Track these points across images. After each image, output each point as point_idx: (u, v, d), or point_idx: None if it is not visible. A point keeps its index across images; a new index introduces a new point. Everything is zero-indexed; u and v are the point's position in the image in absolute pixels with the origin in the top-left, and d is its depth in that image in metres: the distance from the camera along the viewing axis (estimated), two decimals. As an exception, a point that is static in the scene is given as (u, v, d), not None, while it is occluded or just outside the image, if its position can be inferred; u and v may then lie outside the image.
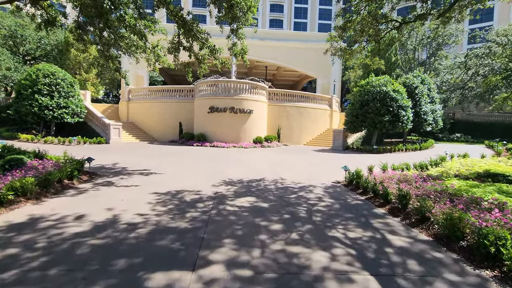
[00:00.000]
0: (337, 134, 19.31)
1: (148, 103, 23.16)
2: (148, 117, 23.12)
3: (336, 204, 5.87)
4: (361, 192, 6.86)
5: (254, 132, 19.90)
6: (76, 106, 18.75)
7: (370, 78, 18.03)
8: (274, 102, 22.49)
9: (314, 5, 79.15)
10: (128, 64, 33.55)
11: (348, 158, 13.93)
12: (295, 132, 23.16)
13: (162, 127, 22.56)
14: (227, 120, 19.10)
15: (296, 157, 14.10)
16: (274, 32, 41.58)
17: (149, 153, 13.59)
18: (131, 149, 15.09)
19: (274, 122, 22.43)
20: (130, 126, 23.02)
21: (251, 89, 19.79)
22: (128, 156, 12.30)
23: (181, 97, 22.36)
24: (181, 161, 11.47)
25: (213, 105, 19.08)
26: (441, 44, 36.04)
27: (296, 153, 15.99)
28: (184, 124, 21.83)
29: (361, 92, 17.75)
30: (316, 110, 24.21)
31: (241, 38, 8.96)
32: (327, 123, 25.42)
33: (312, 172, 9.84)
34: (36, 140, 16.09)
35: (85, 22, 9.81)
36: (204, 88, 19.93)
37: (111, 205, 5.20)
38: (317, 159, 13.54)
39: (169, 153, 13.83)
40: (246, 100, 19.38)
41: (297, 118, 23.16)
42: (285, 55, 34.88)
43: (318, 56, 35.47)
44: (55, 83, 17.90)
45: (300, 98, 23.41)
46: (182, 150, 15.43)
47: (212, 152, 15.19)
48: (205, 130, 19.47)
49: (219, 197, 6.04)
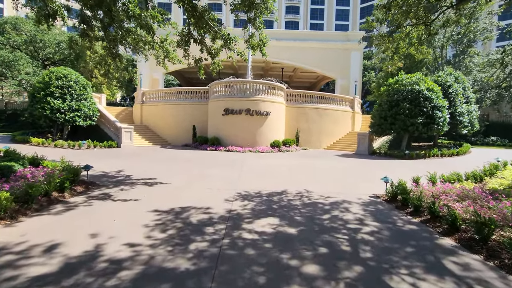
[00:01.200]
0: (362, 137, 17.71)
1: (162, 106, 22.50)
2: (162, 120, 22.44)
3: (385, 229, 4.51)
4: (412, 211, 5.44)
5: (271, 135, 18.66)
6: (88, 109, 18.28)
7: (400, 76, 16.35)
8: (292, 104, 21.18)
9: (331, 5, 77.33)
10: (144, 67, 33.53)
11: (378, 165, 12.38)
12: (315, 136, 21.70)
13: (176, 130, 21.79)
14: (242, 122, 17.98)
15: (318, 163, 12.71)
16: (290, 32, 40.33)
17: (159, 158, 12.66)
18: (141, 154, 14.25)
19: (292, 124, 21.09)
20: (144, 130, 22.42)
21: (268, 90, 18.59)
22: (136, 162, 11.40)
23: (195, 99, 21.52)
24: (191, 167, 10.40)
25: (228, 107, 18.03)
26: (471, 41, 33.41)
27: (318, 158, 14.59)
28: (198, 127, 20.93)
29: (390, 92, 16.11)
30: (337, 112, 22.66)
31: (259, 28, 7.79)
32: (349, 126, 23.77)
33: (341, 182, 8.45)
34: (46, 144, 15.65)
35: (89, 17, 9.01)
36: (218, 89, 18.95)
37: (98, 229, 4.12)
38: (342, 166, 12.09)
39: (180, 159, 12.83)
40: (262, 102, 18.20)
41: (317, 121, 21.71)
42: (302, 55, 33.58)
43: (337, 55, 34.10)
44: (67, 85, 17.50)
45: (320, 99, 21.97)
46: (195, 155, 14.42)
47: (227, 157, 14.08)
48: (220, 133, 18.44)
49: (234, 218, 4.84)
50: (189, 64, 9.13)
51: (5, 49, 28.31)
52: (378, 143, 19.36)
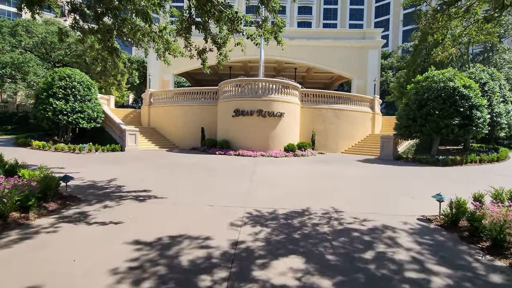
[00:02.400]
0: (386, 141, 15.99)
1: (169, 107, 21.49)
2: (169, 122, 21.42)
3: (465, 281, 3.01)
4: (489, 247, 3.90)
5: (285, 138, 17.21)
6: (92, 110, 17.43)
7: (430, 72, 14.55)
8: (308, 104, 19.67)
9: (345, 5, 75.47)
10: (154, 68, 32.87)
11: (409, 173, 10.72)
12: (332, 138, 20.10)
13: (184, 133, 20.70)
14: (254, 124, 16.64)
15: (340, 170, 11.18)
16: (304, 30, 38.84)
17: (161, 164, 11.46)
18: (143, 159, 13.13)
19: (308, 126, 19.58)
20: (150, 132, 21.47)
21: (282, 89, 17.19)
22: (136, 168, 10.23)
23: (204, 100, 20.37)
24: (194, 176, 9.11)
25: (239, 108, 16.73)
26: (501, 36, 30.84)
27: (338, 164, 13.03)
28: (207, 129, 19.76)
29: (419, 90, 14.37)
30: (356, 112, 20.96)
31: (274, 11, 6.43)
32: (368, 128, 22.00)
33: (374, 196, 6.93)
34: (47, 148, 14.82)
35: (80, 3, 7.93)
36: (228, 88, 17.70)
37: (43, 279, 2.84)
38: (368, 173, 10.51)
39: (184, 165, 11.59)
40: (276, 102, 16.81)
41: (334, 122, 20.11)
42: (317, 54, 32.06)
43: (353, 54, 32.28)
44: (70, 86, 16.71)
45: (337, 99, 20.36)
46: (201, 160, 13.18)
47: (236, 162, 12.75)
48: (229, 136, 17.16)
49: (241, 257, 3.46)
50: (192, 56, 7.88)
51: (16, 52, 28.23)
52: (403, 147, 17.55)
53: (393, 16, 71.20)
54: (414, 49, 28.82)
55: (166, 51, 8.41)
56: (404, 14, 71.96)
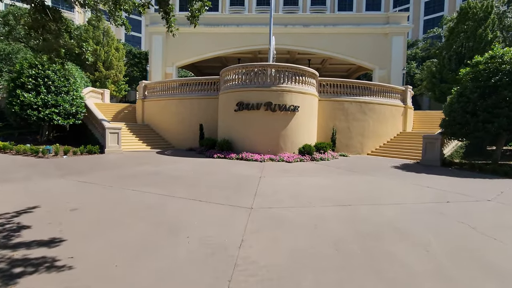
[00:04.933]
0: (431, 142, 12.47)
1: (164, 101, 18.56)
2: (165, 118, 18.51)
3: None
4: None
5: (300, 138, 13.95)
6: (70, 104, 14.68)
7: (496, 51, 10.88)
8: (327, 96, 16.29)
9: None
10: (156, 60, 30.12)
11: (488, 192, 7.27)
12: (355, 138, 16.68)
13: (181, 130, 17.76)
14: (261, 121, 13.45)
15: (383, 186, 7.86)
16: (319, 16, 35.15)
17: (131, 176, 8.45)
18: (117, 166, 10.19)
19: (327, 123, 16.23)
20: (144, 130, 18.63)
21: (296, 77, 13.87)
22: (88, 184, 7.24)
23: (204, 92, 17.31)
24: (164, 201, 6.00)
25: (242, 100, 13.56)
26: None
27: (373, 173, 9.68)
28: (207, 127, 16.74)
29: (479, 75, 10.77)
30: (385, 106, 17.41)
31: None
32: (399, 125, 18.41)
33: (469, 251, 3.64)
34: (8, 150, 12.11)
35: None
36: (230, 77, 14.53)
37: None
38: (431, 195, 7.15)
39: (163, 177, 8.54)
40: (288, 93, 13.53)
41: (358, 118, 16.66)
42: (334, 43, 28.57)
43: (375, 42, 28.33)
44: (43, 75, 13.99)
45: (362, 91, 16.86)
46: (191, 168, 10.13)
47: (236, 171, 9.63)
48: (231, 135, 14.04)
49: None
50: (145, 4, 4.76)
51: (5, 42, 26.01)
52: (449, 149, 13.98)
53: (414, 5, 66.09)
54: (450, 33, 24.72)
55: (116, 4, 5.31)
56: (426, 2, 66.84)
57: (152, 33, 29.41)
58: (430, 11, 65.04)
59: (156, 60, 29.58)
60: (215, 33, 28.90)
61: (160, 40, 29.25)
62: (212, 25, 28.89)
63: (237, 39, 28.76)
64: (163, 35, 29.10)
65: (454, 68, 23.58)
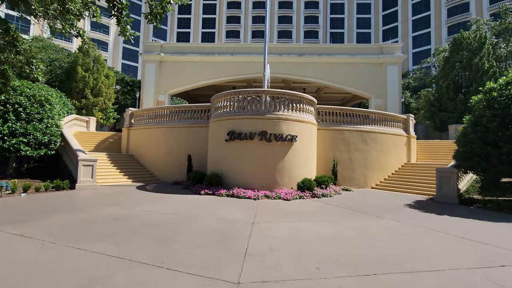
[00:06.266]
0: (445, 176, 11.11)
1: (151, 130, 17.21)
2: (150, 148, 17.04)
3: None
4: None
5: (298, 170, 12.49)
6: (43, 133, 13.20)
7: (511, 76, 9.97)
8: (326, 125, 15.15)
9: (351, 14, 74.69)
10: (149, 88, 29.32)
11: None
12: (358, 170, 15.31)
13: (167, 162, 16.22)
14: (255, 152, 12.05)
15: (406, 236, 6.31)
16: (314, 46, 35.59)
17: (92, 221, 6.77)
18: (77, 208, 8.49)
19: (327, 154, 14.92)
20: (127, 161, 17.03)
21: (293, 104, 12.76)
22: (20, 239, 5.51)
23: (193, 120, 16.07)
24: (122, 265, 4.35)
25: (234, 129, 12.25)
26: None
27: (387, 215, 8.13)
28: (196, 158, 15.26)
29: (497, 102, 9.75)
30: (387, 136, 16.29)
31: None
32: (403, 155, 17.18)
33: None
34: (-43, 186, 10.35)
35: None
36: (222, 104, 13.37)
37: None
38: (466, 249, 5.62)
39: (134, 222, 6.87)
40: (285, 121, 12.31)
41: (360, 148, 15.42)
42: (329, 72, 28.33)
43: (370, 71, 28.12)
44: (13, 101, 12.64)
45: (363, 119, 15.81)
46: (171, 209, 8.48)
47: (225, 214, 8.01)
48: (221, 168, 12.53)
49: None
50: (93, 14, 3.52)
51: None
52: (464, 183, 12.61)
53: (402, 38, 68.84)
54: (445, 62, 24.63)
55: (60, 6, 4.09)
56: (413, 37, 69.85)
57: (146, 61, 28.93)
58: (418, 45, 67.70)
59: (148, 87, 28.81)
60: (210, 62, 28.53)
61: (154, 68, 28.70)
62: (207, 54, 28.62)
63: (232, 68, 28.36)
64: (156, 63, 28.65)
65: (452, 97, 23.10)
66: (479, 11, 54.94)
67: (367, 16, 75.07)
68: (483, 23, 28.74)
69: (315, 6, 75.03)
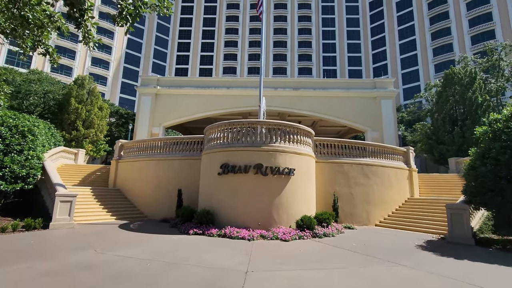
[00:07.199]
0: (457, 213, 10.22)
1: (141, 162, 16.32)
2: (139, 182, 15.99)
3: None
4: None
5: (296, 207, 11.50)
6: (21, 166, 12.23)
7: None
8: (325, 158, 14.49)
9: (343, 53, 78.53)
10: (143, 121, 28.97)
11: None
12: (360, 205, 14.35)
13: (156, 197, 15.10)
14: (250, 186, 11.15)
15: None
16: (309, 80, 36.34)
17: (53, 273, 5.64)
18: (43, 253, 7.32)
19: (326, 188, 14.05)
20: (113, 196, 15.85)
21: (289, 135, 12.19)
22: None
23: (186, 152, 15.31)
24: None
25: (228, 162, 11.47)
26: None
27: (401, 261, 7.09)
28: (187, 193, 14.20)
29: (505, 133, 9.28)
30: (388, 169, 15.61)
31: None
32: (406, 190, 16.36)
33: None
34: None
35: None
36: (215, 135, 12.74)
37: None
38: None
39: (103, 273, 5.74)
40: (282, 153, 11.62)
41: (361, 182, 14.61)
42: (324, 105, 28.52)
43: (365, 105, 28.35)
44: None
45: (362, 152, 15.22)
46: (153, 253, 7.34)
47: (214, 261, 6.90)
48: (213, 204, 11.50)
49: None
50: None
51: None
52: (476, 221, 11.67)
53: (392, 75, 71.86)
54: (439, 96, 24.98)
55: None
56: (403, 74, 73.07)
57: (142, 94, 28.92)
58: (407, 81, 70.57)
59: (143, 120, 28.44)
60: (206, 95, 28.63)
61: (149, 100, 28.60)
62: (203, 87, 28.82)
63: (228, 101, 28.42)
64: (152, 95, 28.63)
65: (449, 130, 22.99)
66: (462, 51, 58.11)
67: (358, 54, 79.06)
68: (470, 60, 29.90)
69: (308, 45, 79.09)
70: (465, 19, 61.01)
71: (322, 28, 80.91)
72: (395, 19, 74.15)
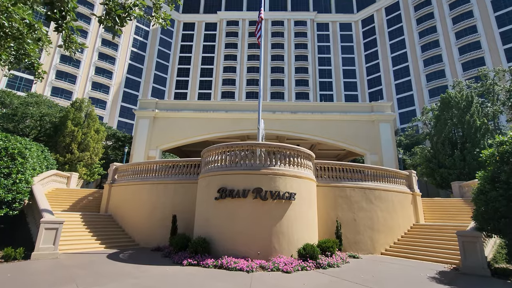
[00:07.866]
0: (468, 240, 9.61)
1: (135, 186, 15.68)
2: (132, 207, 15.26)
3: None
4: None
5: (298, 234, 10.81)
6: (7, 190, 11.60)
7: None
8: (325, 181, 13.99)
9: (338, 79, 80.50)
10: (140, 144, 28.60)
11: None
12: (364, 232, 13.62)
13: (150, 223, 14.31)
14: (248, 212, 10.54)
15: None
16: (307, 104, 36.73)
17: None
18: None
19: (328, 213, 13.42)
20: (104, 223, 15.04)
21: (289, 158, 11.79)
22: None
23: (182, 175, 14.77)
24: None
25: (225, 186, 10.94)
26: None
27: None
28: (182, 218, 13.45)
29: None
30: (392, 193, 15.07)
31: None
32: (411, 215, 15.73)
33: None
34: None
35: None
36: (212, 158, 12.32)
37: None
38: None
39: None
40: (282, 177, 11.15)
41: (364, 207, 14.00)
42: (323, 128, 28.45)
43: (364, 128, 28.32)
44: (-22, 154, 11.40)
45: (364, 175, 14.77)
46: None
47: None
48: (209, 231, 10.80)
49: None
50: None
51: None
52: (489, 249, 10.98)
53: (387, 99, 73.24)
54: (437, 120, 25.04)
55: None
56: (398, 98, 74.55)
57: (139, 117, 28.78)
58: (402, 106, 71.77)
59: (140, 142, 28.06)
60: (204, 118, 28.55)
61: (147, 123, 28.41)
62: (201, 111, 28.82)
63: (226, 124, 28.31)
64: (150, 118, 28.49)
65: (449, 153, 22.76)
66: (455, 76, 59.78)
67: (353, 80, 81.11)
68: (464, 85, 30.49)
69: (304, 71, 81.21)
70: (455, 47, 63.41)
71: (318, 55, 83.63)
72: (388, 46, 76.98)
